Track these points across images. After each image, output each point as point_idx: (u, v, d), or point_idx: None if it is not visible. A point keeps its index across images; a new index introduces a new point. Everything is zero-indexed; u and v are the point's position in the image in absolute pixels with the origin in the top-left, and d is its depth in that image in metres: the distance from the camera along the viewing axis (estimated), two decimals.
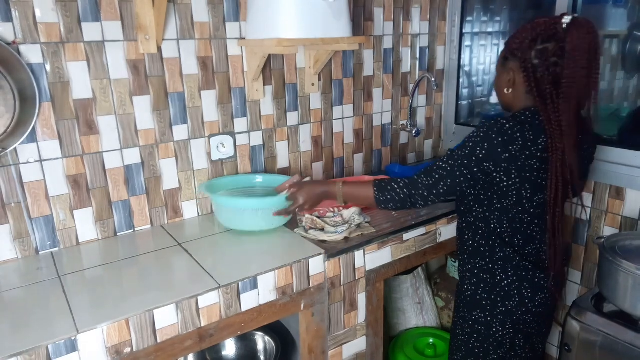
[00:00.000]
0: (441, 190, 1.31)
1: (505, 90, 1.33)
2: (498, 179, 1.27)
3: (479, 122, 1.26)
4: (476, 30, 2.38)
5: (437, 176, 1.31)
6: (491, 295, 1.38)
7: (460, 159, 1.28)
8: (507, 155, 1.23)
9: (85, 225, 1.56)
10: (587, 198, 1.89)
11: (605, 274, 1.52)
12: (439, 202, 1.36)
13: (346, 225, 1.59)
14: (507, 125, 1.23)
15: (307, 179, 1.64)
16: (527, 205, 1.30)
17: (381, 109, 2.24)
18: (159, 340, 1.22)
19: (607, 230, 1.85)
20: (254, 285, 1.35)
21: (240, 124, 1.81)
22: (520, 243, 1.35)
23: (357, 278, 1.59)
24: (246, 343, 1.78)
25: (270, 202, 1.56)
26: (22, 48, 1.36)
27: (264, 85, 1.83)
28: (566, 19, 1.20)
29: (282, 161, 1.96)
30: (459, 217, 1.45)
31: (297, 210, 1.53)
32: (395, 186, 1.36)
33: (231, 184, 1.78)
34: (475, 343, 1.43)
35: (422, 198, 1.34)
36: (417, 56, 2.31)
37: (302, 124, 1.99)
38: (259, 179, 1.82)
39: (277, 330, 1.70)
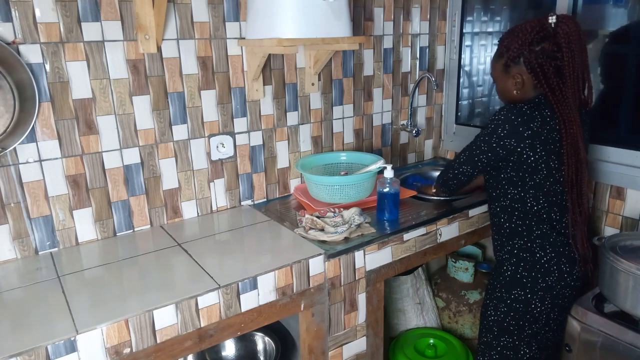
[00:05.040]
0: (462, 160, 1.53)
1: (515, 92, 1.47)
2: (525, 156, 1.40)
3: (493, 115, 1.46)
4: (476, 30, 2.38)
5: (460, 153, 1.55)
6: (531, 272, 1.48)
7: (481, 137, 1.46)
8: (529, 132, 1.37)
9: (84, 225, 1.56)
10: None
11: (606, 274, 1.52)
12: (467, 176, 1.56)
13: (346, 226, 1.58)
14: (525, 107, 1.39)
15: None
16: (557, 175, 1.43)
17: (381, 109, 2.24)
18: (158, 341, 1.22)
19: (608, 230, 1.85)
20: (254, 286, 1.35)
21: (240, 123, 1.81)
22: (557, 217, 1.47)
23: (357, 278, 1.58)
24: (246, 343, 1.77)
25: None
26: (21, 48, 1.36)
27: (264, 85, 1.83)
28: (552, 19, 1.37)
29: (282, 161, 1.96)
30: (493, 203, 1.57)
31: None
32: (439, 174, 1.68)
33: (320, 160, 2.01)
34: (510, 321, 1.52)
35: (452, 173, 1.58)
36: (417, 56, 2.31)
37: (302, 124, 1.98)
38: (344, 156, 2.03)
39: (277, 331, 1.70)
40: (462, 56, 2.38)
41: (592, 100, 1.48)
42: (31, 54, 1.37)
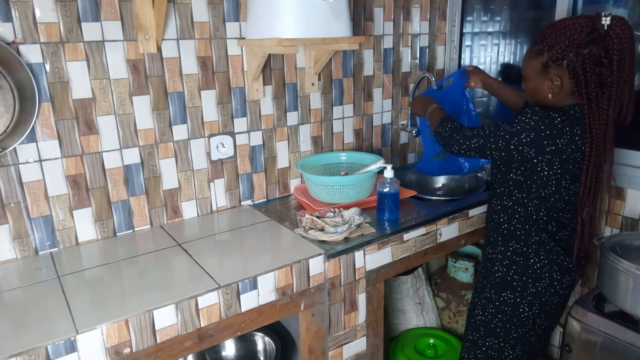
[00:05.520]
0: (472, 146, 1.42)
1: (550, 96, 1.35)
2: (539, 168, 1.34)
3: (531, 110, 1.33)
4: (476, 30, 2.38)
5: (475, 132, 1.43)
6: (522, 277, 1.45)
7: (502, 131, 1.35)
8: (553, 147, 1.29)
9: (84, 225, 1.56)
10: None
11: (606, 274, 1.52)
12: (469, 156, 1.47)
13: (346, 226, 1.58)
14: (558, 120, 1.29)
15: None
16: (564, 193, 1.38)
17: (381, 109, 2.24)
18: (158, 341, 1.22)
19: (608, 231, 1.85)
20: (254, 286, 1.35)
21: (240, 123, 1.81)
22: (553, 229, 1.44)
23: (357, 278, 1.58)
24: (246, 343, 1.77)
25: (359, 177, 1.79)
26: (21, 48, 1.36)
27: (264, 85, 1.83)
28: (606, 20, 1.23)
29: (282, 161, 1.96)
30: (495, 199, 1.51)
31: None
32: (449, 125, 1.51)
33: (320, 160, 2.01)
34: (497, 323, 1.50)
35: (457, 143, 1.46)
36: (417, 56, 2.31)
37: (302, 124, 1.98)
38: (344, 157, 2.03)
39: (277, 331, 1.70)
40: (462, 56, 2.38)
41: (631, 116, 1.33)
42: (31, 54, 1.37)
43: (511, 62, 2.30)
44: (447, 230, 1.81)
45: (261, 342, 1.74)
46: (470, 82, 1.80)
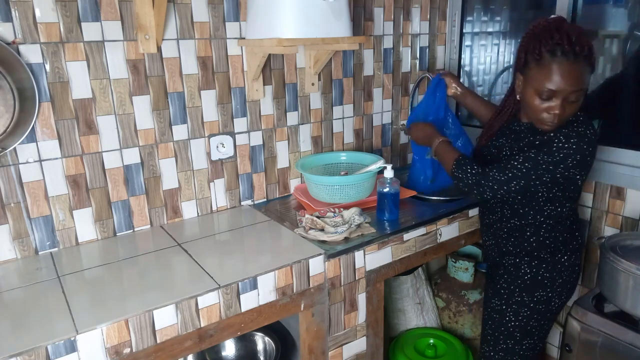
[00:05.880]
0: (513, 188, 1.36)
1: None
2: (580, 180, 1.38)
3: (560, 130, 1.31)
4: (476, 30, 2.38)
5: (510, 175, 1.35)
6: (552, 272, 1.47)
7: (543, 164, 1.31)
8: (593, 159, 1.34)
9: (84, 225, 1.56)
10: (588, 198, 1.89)
11: (606, 274, 1.52)
12: (507, 198, 1.45)
13: (346, 226, 1.58)
14: (589, 132, 1.30)
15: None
16: (582, 189, 1.48)
17: (381, 109, 2.24)
18: (158, 341, 1.22)
19: (608, 231, 1.85)
20: (254, 286, 1.35)
21: (240, 123, 1.81)
22: (573, 221, 1.48)
23: (357, 278, 1.58)
24: (246, 343, 1.77)
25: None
26: (21, 48, 1.36)
27: (264, 85, 1.83)
28: None
29: (282, 161, 1.96)
30: (516, 218, 1.47)
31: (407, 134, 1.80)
32: (470, 170, 1.42)
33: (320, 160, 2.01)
34: (533, 323, 1.50)
35: (491, 190, 1.39)
36: (417, 56, 2.31)
37: (302, 124, 1.98)
38: (344, 157, 2.03)
39: (277, 331, 1.70)
40: (462, 56, 2.38)
41: None
42: (31, 54, 1.37)
43: (511, 62, 2.30)
44: (447, 230, 1.81)
45: (261, 342, 1.74)
46: (448, 87, 1.77)
